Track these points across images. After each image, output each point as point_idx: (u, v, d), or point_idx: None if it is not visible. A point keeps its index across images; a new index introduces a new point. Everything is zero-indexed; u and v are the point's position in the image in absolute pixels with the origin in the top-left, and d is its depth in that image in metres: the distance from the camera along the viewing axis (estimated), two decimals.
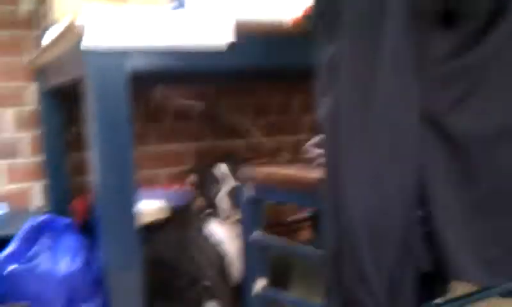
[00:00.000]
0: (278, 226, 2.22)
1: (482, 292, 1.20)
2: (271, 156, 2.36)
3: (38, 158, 1.99)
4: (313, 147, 1.30)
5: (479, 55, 0.94)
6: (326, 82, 0.98)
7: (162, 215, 1.87)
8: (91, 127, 1.29)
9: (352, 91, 0.92)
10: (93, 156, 1.29)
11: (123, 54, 1.26)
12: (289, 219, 2.42)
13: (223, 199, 1.56)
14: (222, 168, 1.60)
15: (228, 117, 2.32)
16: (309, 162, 1.28)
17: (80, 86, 1.31)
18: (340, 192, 0.93)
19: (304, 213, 2.40)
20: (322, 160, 1.28)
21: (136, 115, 2.21)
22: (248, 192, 1.37)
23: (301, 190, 1.20)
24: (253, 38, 1.37)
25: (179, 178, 2.02)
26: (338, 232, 0.93)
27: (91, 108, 1.27)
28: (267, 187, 1.33)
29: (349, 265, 0.92)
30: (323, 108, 0.97)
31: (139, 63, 1.31)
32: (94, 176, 1.30)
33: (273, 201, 1.37)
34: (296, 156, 1.61)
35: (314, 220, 2.19)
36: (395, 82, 0.90)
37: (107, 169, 1.27)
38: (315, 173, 1.17)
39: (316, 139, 1.31)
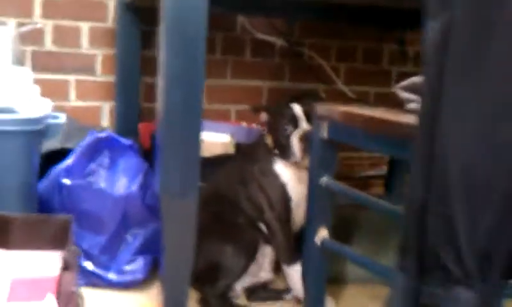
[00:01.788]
0: (347, 180, 2.07)
1: None
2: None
3: (110, 78, 1.94)
4: (403, 90, 1.13)
5: None
6: (437, 2, 0.80)
7: (227, 151, 1.77)
8: (162, 43, 1.18)
9: (471, 12, 0.74)
10: (161, 74, 1.19)
11: None
12: (361, 174, 2.26)
13: (294, 141, 1.43)
14: (295, 108, 1.46)
15: (310, 58, 2.17)
16: (397, 106, 1.13)
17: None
18: (436, 138, 0.76)
19: (378, 170, 2.24)
20: (412, 105, 1.12)
21: (214, 45, 2.12)
22: (322, 132, 1.23)
23: (385, 135, 1.05)
24: None
25: (249, 115, 1.91)
26: (427, 185, 0.78)
27: (164, 23, 1.16)
28: (344, 128, 1.19)
29: (436, 223, 0.76)
30: (430, 33, 0.80)
31: None
32: (160, 96, 1.21)
33: (348, 144, 1.22)
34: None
35: (388, 179, 2.02)
36: None
37: (175, 89, 1.17)
38: (404, 118, 1.02)
39: (407, 81, 1.14)
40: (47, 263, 0.98)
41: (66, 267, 0.83)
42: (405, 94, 1.15)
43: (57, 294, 0.77)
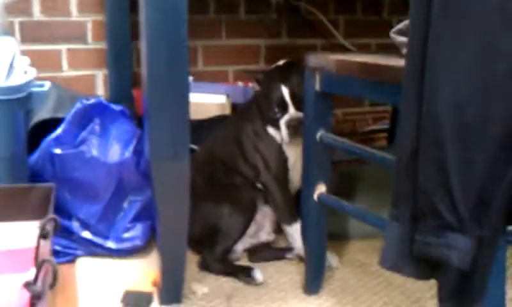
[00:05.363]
0: (350, 136, 2.03)
1: None
2: None
3: (101, 46, 1.89)
4: (398, 34, 1.07)
5: None
6: None
7: (223, 111, 1.73)
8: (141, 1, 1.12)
9: None
10: (142, 34, 1.14)
11: None
12: (363, 130, 2.21)
13: (282, 127, 1.41)
14: (284, 92, 1.41)
15: (307, 12, 2.10)
16: (393, 52, 1.07)
17: None
18: (425, 77, 0.71)
19: (380, 125, 2.18)
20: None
21: (207, 4, 2.05)
22: (315, 84, 1.18)
23: (380, 81, 1.00)
24: None
25: (246, 75, 1.85)
26: (418, 127, 0.73)
27: None
28: (337, 78, 1.14)
29: (428, 167, 0.72)
30: None
31: None
32: (143, 58, 1.16)
33: (342, 94, 1.18)
34: None
35: (391, 132, 1.97)
36: None
37: (158, 49, 1.11)
38: (400, 62, 0.96)
39: (402, 24, 1.08)
40: (27, 233, 0.95)
41: (42, 236, 0.81)
42: (401, 39, 1.09)
43: (35, 264, 0.75)
